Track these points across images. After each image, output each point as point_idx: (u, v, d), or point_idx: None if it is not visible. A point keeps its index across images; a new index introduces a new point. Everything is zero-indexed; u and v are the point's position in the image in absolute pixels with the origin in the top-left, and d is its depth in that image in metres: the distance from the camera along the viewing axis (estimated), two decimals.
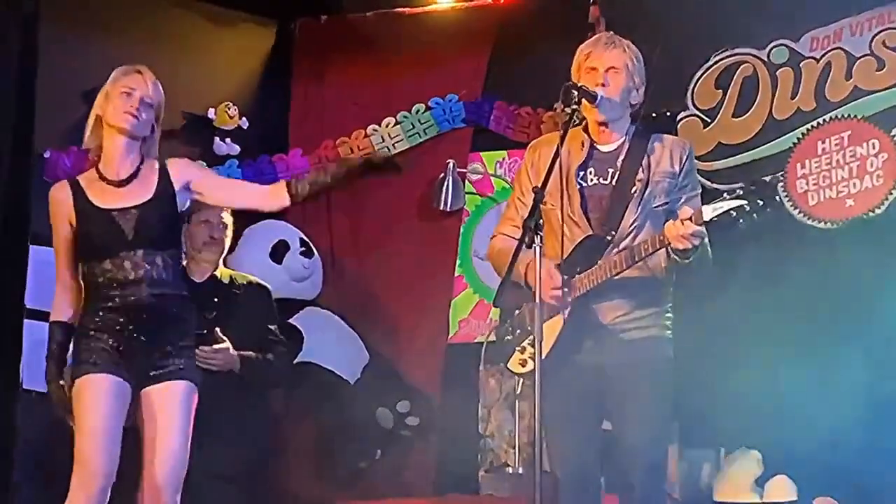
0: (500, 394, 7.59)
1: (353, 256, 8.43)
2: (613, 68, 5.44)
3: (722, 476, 7.02)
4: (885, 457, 6.71)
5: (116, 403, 5.41)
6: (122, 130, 5.52)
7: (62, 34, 7.59)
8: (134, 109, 5.50)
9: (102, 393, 5.40)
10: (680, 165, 5.46)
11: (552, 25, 7.71)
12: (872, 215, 7.42)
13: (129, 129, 5.52)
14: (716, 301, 6.90)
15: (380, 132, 8.35)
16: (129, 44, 7.40)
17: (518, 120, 8.19)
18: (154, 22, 7.87)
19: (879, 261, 7.10)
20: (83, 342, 5.45)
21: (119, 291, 5.47)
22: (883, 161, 7.43)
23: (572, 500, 5.40)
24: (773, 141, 7.73)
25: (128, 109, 5.50)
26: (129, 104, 5.51)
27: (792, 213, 7.56)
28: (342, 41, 8.56)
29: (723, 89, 7.89)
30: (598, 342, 5.35)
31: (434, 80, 8.39)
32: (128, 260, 5.49)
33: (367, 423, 7.87)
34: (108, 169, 5.56)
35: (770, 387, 7.00)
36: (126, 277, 5.49)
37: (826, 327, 7.04)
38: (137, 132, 5.55)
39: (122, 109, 5.50)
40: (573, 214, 5.40)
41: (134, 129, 5.52)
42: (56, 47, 7.56)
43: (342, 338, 8.07)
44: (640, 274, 5.33)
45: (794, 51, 7.78)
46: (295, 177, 5.88)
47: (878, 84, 7.56)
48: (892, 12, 7.57)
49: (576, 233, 5.38)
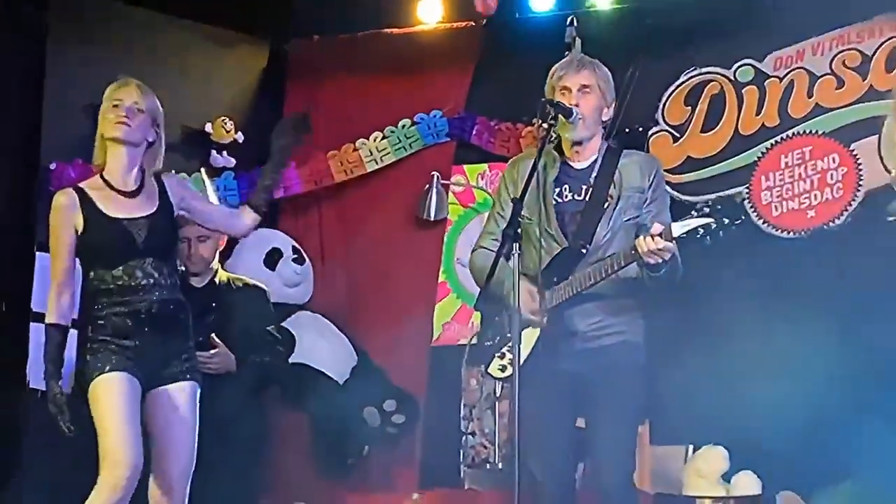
0: (481, 394, 7.60)
1: (342, 263, 8.43)
2: (585, 87, 5.44)
3: (690, 471, 7.01)
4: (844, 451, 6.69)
5: (135, 400, 5.38)
6: (118, 140, 5.47)
7: (67, 51, 7.61)
8: (123, 118, 5.45)
9: (122, 390, 5.36)
10: (649, 181, 5.47)
11: (531, 45, 7.69)
12: (833, 226, 7.49)
13: (122, 137, 5.47)
14: (685, 307, 6.90)
15: (368, 146, 8.35)
16: (130, 61, 7.39)
17: (498, 134, 8.21)
18: (155, 40, 7.88)
19: (839, 269, 7.16)
20: (94, 346, 5.39)
21: (129, 297, 5.44)
22: (842, 174, 7.51)
23: (549, 495, 5.40)
24: (739, 155, 7.79)
25: (119, 119, 5.46)
26: (118, 114, 5.47)
27: (756, 223, 7.62)
28: (333, 60, 8.58)
29: (692, 106, 7.95)
30: (573, 348, 5.35)
31: (419, 97, 8.40)
32: (138, 268, 5.46)
33: (355, 421, 7.86)
34: (115, 180, 5.51)
35: (736, 388, 7.01)
36: (138, 284, 5.45)
37: (789, 331, 6.98)
38: (132, 138, 5.49)
39: (113, 121, 5.46)
40: (550, 229, 5.41)
41: (126, 136, 5.47)
42: (61, 64, 7.59)
43: (332, 340, 8.09)
44: (613, 284, 5.32)
45: (759, 70, 7.84)
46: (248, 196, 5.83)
47: (838, 101, 7.62)
48: (850, 33, 7.62)
49: (552, 246, 5.39)
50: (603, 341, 5.38)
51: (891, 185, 7.35)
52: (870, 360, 6.83)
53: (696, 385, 6.93)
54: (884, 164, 7.39)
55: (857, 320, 6.90)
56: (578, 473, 6.00)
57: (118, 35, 7.75)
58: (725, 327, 7.14)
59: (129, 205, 5.51)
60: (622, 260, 5.24)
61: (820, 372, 6.81)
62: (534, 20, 8.07)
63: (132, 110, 5.50)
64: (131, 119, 5.48)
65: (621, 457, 5.41)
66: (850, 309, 6.95)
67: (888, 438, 6.30)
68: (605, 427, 5.41)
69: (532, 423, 5.14)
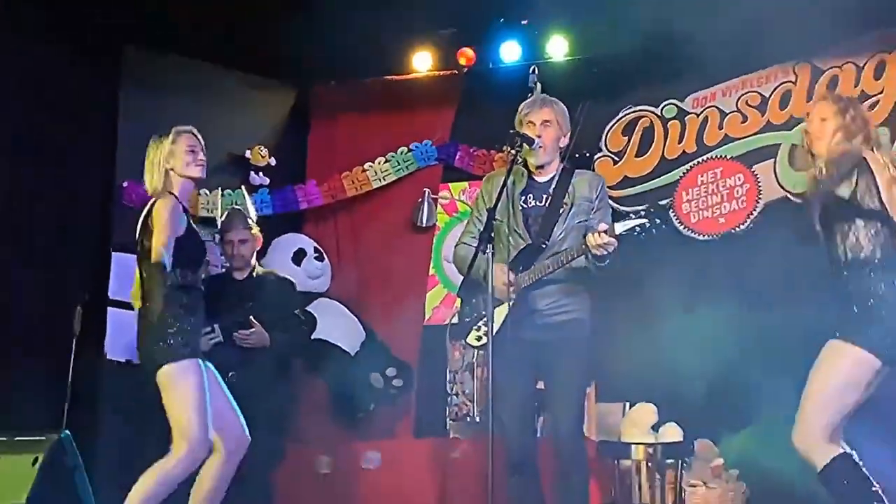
0: (462, 362, 7.59)
1: (353, 260, 8.40)
2: (546, 122, 5.51)
3: (627, 423, 6.98)
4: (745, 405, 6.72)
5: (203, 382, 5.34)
6: (195, 178, 5.53)
7: (136, 91, 7.58)
8: (199, 161, 5.52)
9: (199, 377, 5.32)
10: (595, 193, 5.53)
11: (502, 88, 7.69)
12: (738, 230, 7.52)
13: (200, 176, 5.53)
14: (623, 292, 6.89)
15: (373, 168, 8.33)
16: (187, 100, 7.39)
17: (476, 159, 8.20)
18: (206, 85, 7.84)
19: (743, 263, 7.19)
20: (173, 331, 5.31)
21: (192, 294, 5.45)
22: (746, 190, 7.53)
23: (515, 442, 5.42)
24: (665, 175, 7.81)
25: (197, 163, 5.51)
26: (196, 159, 5.51)
27: (678, 228, 7.64)
28: (346, 100, 8.54)
29: (628, 136, 7.96)
30: (534, 323, 5.40)
31: (414, 129, 8.39)
32: (202, 271, 5.56)
33: (363, 384, 7.86)
34: (191, 205, 5.57)
35: (664, 356, 6.91)
36: (197, 285, 5.50)
37: (705, 312, 6.97)
38: (202, 176, 5.56)
39: (192, 164, 5.49)
40: (517, 228, 5.46)
41: (202, 174, 5.54)
42: (132, 102, 7.56)
43: (345, 321, 8.05)
44: (566, 272, 5.37)
45: (681, 108, 7.86)
46: None
47: (743, 133, 7.66)
48: (752, 79, 7.66)
49: (519, 242, 5.45)
50: (558, 318, 5.42)
51: (785, 197, 7.40)
52: (766, 335, 6.81)
53: (632, 354, 6.88)
54: (778, 181, 7.42)
55: (758, 304, 6.90)
56: (539, 424, 6.05)
57: (175, 79, 7.71)
58: (655, 308, 7.12)
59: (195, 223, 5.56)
60: (574, 253, 5.30)
61: (728, 344, 6.84)
62: (504, 69, 8.03)
63: (203, 152, 5.54)
64: (203, 161, 5.54)
65: (572, 411, 5.45)
66: (752, 295, 6.96)
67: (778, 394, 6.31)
68: (559, 388, 5.46)
69: (502, 385, 5.21)
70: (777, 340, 6.71)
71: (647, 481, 6.58)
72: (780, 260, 6.63)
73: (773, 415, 6.38)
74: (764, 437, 6.43)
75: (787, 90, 7.59)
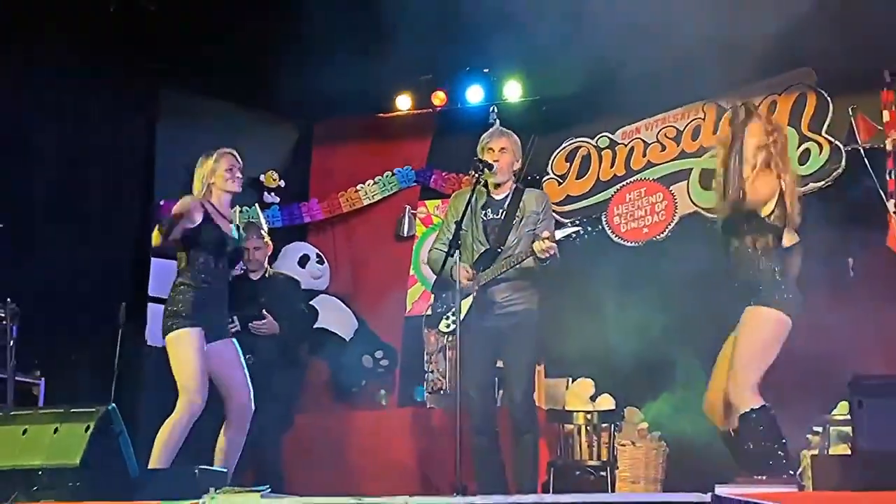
0: (437, 345, 7.51)
1: (348, 264, 8.38)
2: (503, 149, 5.53)
3: (570, 395, 6.95)
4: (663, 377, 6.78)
5: (202, 348, 5.32)
6: (232, 192, 5.53)
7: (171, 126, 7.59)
8: (237, 178, 5.52)
9: (197, 340, 5.30)
10: (541, 208, 5.55)
11: (468, 123, 7.67)
12: (659, 238, 7.54)
13: (237, 190, 5.54)
14: (566, 287, 6.77)
15: (364, 188, 8.31)
16: (211, 134, 7.13)
17: (448, 181, 8.16)
18: (228, 120, 7.74)
19: (663, 264, 7.19)
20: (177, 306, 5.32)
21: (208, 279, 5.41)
22: (665, 205, 7.56)
23: (479, 410, 5.44)
24: (599, 193, 7.80)
25: (234, 179, 5.51)
26: (234, 176, 5.51)
27: (611, 236, 7.65)
28: (342, 133, 8.51)
29: (570, 162, 7.94)
30: (493, 313, 5.42)
31: (397, 157, 8.37)
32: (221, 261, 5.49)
33: (356, 364, 7.87)
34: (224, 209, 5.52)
35: (599, 340, 6.94)
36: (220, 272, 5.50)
37: (633, 303, 6.99)
38: (239, 191, 5.56)
39: (231, 180, 5.49)
40: (479, 237, 5.49)
41: (238, 189, 5.55)
42: (166, 134, 7.57)
43: (342, 313, 8.05)
44: (518, 272, 5.40)
45: (612, 139, 7.85)
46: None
47: (662, 159, 7.66)
48: (668, 116, 7.67)
49: (480, 248, 5.47)
50: (512, 308, 5.44)
51: (696, 212, 7.43)
52: (680, 321, 6.82)
53: (573, 338, 6.85)
54: (691, 199, 7.45)
55: (674, 296, 6.89)
56: (498, 395, 6.06)
57: (202, 115, 7.69)
58: (593, 300, 7.09)
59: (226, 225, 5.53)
60: (524, 256, 5.34)
61: (651, 329, 6.84)
62: (469, 108, 8.03)
63: (240, 173, 5.55)
64: (239, 180, 5.55)
65: (525, 385, 5.47)
66: (669, 289, 6.94)
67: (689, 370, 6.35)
68: (514, 366, 5.48)
69: (468, 364, 5.25)
70: (689, 325, 6.71)
71: (586, 442, 6.54)
72: (691, 261, 6.60)
73: (685, 385, 6.45)
74: (679, 405, 6.47)
75: (697, 125, 7.59)
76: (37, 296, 6.36)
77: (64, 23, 6.75)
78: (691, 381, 6.18)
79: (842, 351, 5.88)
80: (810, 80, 7.28)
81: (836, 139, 7.13)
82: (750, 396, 4.77)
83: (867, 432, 3.92)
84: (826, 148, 7.16)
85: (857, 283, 6.68)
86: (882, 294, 6.29)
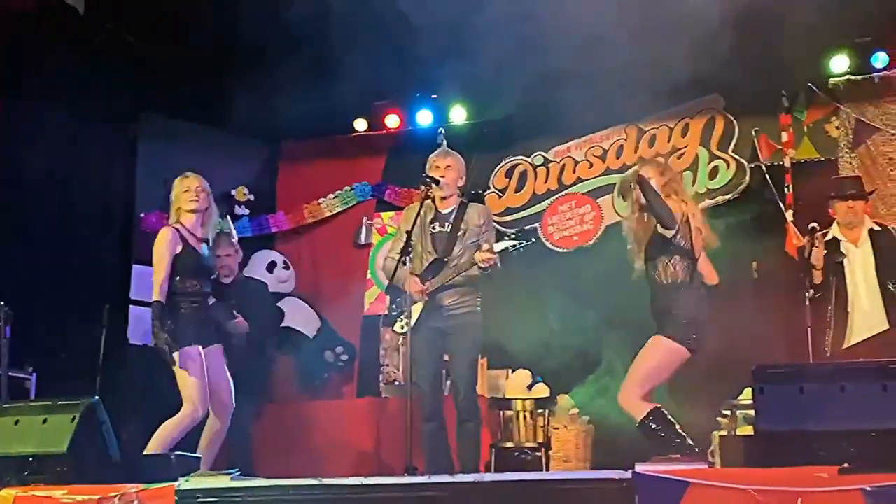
0: (392, 342, 7.52)
1: (312, 269, 8.31)
2: (448, 167, 5.53)
3: (509, 384, 6.94)
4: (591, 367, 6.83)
5: (202, 364, 5.39)
6: (192, 210, 5.51)
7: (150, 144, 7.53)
8: (194, 197, 5.51)
9: (198, 359, 5.37)
10: (483, 221, 5.55)
11: (418, 144, 7.66)
12: (587, 245, 7.59)
13: (196, 208, 5.51)
14: (505, 291, 6.75)
15: (325, 201, 8.26)
16: (188, 152, 7.16)
17: (401, 195, 8.10)
18: (202, 140, 7.66)
19: (591, 268, 7.20)
20: (180, 324, 5.36)
21: (199, 298, 5.48)
22: (593, 216, 7.61)
23: (428, 399, 5.44)
24: (535, 206, 7.82)
25: (191, 198, 5.51)
26: (190, 196, 5.51)
27: (545, 243, 7.66)
28: (306, 152, 8.45)
29: (509, 178, 7.94)
30: (441, 315, 5.42)
31: (355, 173, 8.28)
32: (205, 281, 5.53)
33: (319, 359, 7.83)
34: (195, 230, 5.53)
35: (535, 334, 6.94)
36: (203, 290, 5.52)
37: (566, 302, 7.06)
38: (200, 208, 5.52)
39: (187, 200, 5.51)
40: (427, 247, 5.48)
41: (198, 206, 5.51)
42: (146, 153, 7.50)
43: (305, 313, 7.98)
44: (463, 279, 5.41)
45: (546, 157, 7.87)
46: None
47: (590, 175, 7.70)
48: (595, 137, 7.72)
49: (429, 257, 5.46)
50: (458, 311, 5.45)
51: (620, 222, 7.46)
52: (605, 319, 6.88)
53: (512, 334, 6.88)
54: (615, 209, 7.45)
55: (600, 297, 6.91)
56: (445, 386, 6.06)
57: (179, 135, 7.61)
58: (529, 301, 7.10)
59: (200, 245, 5.52)
60: (468, 265, 5.34)
61: (580, 326, 6.92)
62: (420, 130, 8.04)
63: (198, 191, 5.52)
64: (197, 197, 5.51)
65: (469, 378, 5.48)
66: (597, 290, 6.96)
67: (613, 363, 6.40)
68: (459, 360, 5.48)
69: (419, 359, 5.31)
70: (613, 321, 6.75)
71: (524, 426, 6.59)
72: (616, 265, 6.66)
73: (610, 374, 6.49)
74: (603, 392, 6.50)
75: (620, 144, 7.65)
76: (29, 298, 6.31)
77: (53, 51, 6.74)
78: (614, 371, 6.22)
79: (748, 343, 5.98)
80: (719, 105, 7.40)
81: (741, 157, 7.29)
82: (640, 407, 4.97)
83: (767, 415, 3.97)
84: (733, 165, 7.29)
85: (760, 284, 6.79)
86: (782, 293, 6.40)
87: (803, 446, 3.79)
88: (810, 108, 7.16)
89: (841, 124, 7.06)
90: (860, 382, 3.90)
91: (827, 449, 3.75)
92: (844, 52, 6.95)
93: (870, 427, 3.79)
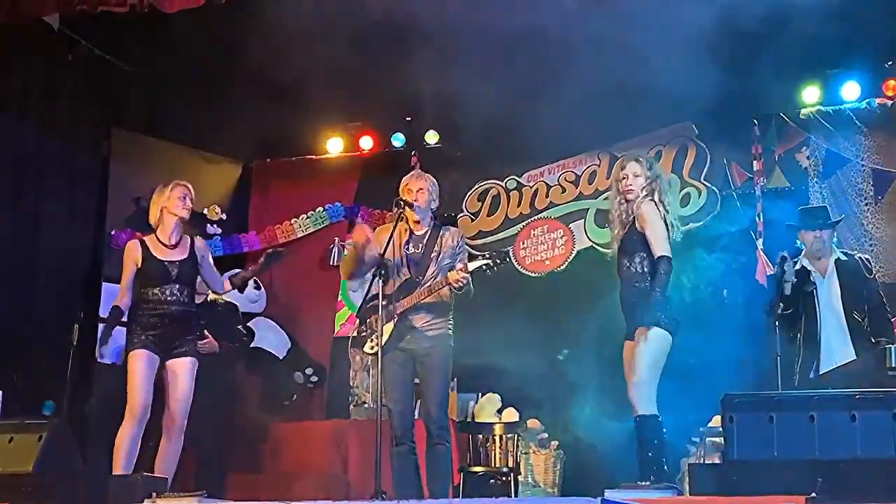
0: (361, 364, 7.52)
1: (283, 289, 8.28)
2: (421, 190, 5.50)
3: (479, 408, 6.98)
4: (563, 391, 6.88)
5: (150, 368, 5.39)
6: (181, 218, 5.54)
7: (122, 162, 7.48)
8: (188, 206, 5.55)
9: (144, 362, 5.38)
10: (456, 243, 5.51)
11: (390, 166, 7.71)
12: (559, 269, 7.62)
13: (185, 216, 5.56)
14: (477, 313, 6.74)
15: (297, 222, 8.26)
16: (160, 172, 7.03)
17: (373, 217, 8.08)
18: (175, 159, 7.68)
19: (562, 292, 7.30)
20: (134, 332, 5.41)
21: (162, 307, 5.45)
22: (564, 241, 7.65)
23: (399, 422, 5.38)
24: (508, 230, 7.87)
25: (185, 206, 5.54)
26: (185, 204, 5.54)
27: (517, 267, 7.69)
28: (278, 172, 8.46)
29: (482, 201, 7.99)
30: (412, 336, 5.37)
31: (327, 194, 8.30)
32: (169, 289, 5.49)
33: (288, 380, 7.81)
34: (164, 236, 5.52)
35: (506, 359, 6.93)
36: (167, 299, 5.48)
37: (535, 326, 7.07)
38: (185, 216, 5.57)
39: (180, 206, 5.52)
40: (401, 268, 5.45)
41: (185, 215, 5.56)
42: (118, 170, 7.45)
43: (276, 333, 7.95)
44: (435, 299, 5.38)
45: (519, 181, 7.91)
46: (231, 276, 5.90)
47: (562, 200, 7.75)
48: (568, 162, 7.78)
49: (402, 278, 5.44)
50: (429, 332, 5.39)
51: (592, 246, 7.53)
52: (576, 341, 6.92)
53: (482, 357, 6.83)
54: (587, 235, 7.55)
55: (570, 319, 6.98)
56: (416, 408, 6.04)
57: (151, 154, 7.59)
58: (500, 324, 7.01)
59: (169, 252, 5.52)
60: (441, 285, 5.32)
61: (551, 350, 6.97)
62: (392, 152, 8.06)
63: (189, 200, 5.55)
64: (187, 207, 5.56)
65: (440, 400, 5.42)
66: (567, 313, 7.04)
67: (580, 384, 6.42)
68: (430, 383, 5.42)
69: (389, 381, 5.27)
70: (583, 345, 6.79)
71: (493, 450, 6.58)
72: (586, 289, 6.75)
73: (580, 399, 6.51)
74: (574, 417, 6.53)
75: (593, 171, 7.71)
76: None
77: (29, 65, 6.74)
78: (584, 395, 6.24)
79: (717, 368, 6.01)
80: (691, 133, 7.46)
81: (712, 185, 7.34)
82: (649, 403, 4.91)
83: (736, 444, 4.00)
84: (704, 192, 7.35)
85: (730, 310, 6.84)
86: (751, 320, 6.44)
87: (772, 475, 3.82)
88: (781, 137, 7.25)
89: (811, 154, 7.15)
90: (829, 412, 3.95)
91: (795, 478, 3.77)
92: (816, 83, 7.04)
93: (838, 457, 3.82)
